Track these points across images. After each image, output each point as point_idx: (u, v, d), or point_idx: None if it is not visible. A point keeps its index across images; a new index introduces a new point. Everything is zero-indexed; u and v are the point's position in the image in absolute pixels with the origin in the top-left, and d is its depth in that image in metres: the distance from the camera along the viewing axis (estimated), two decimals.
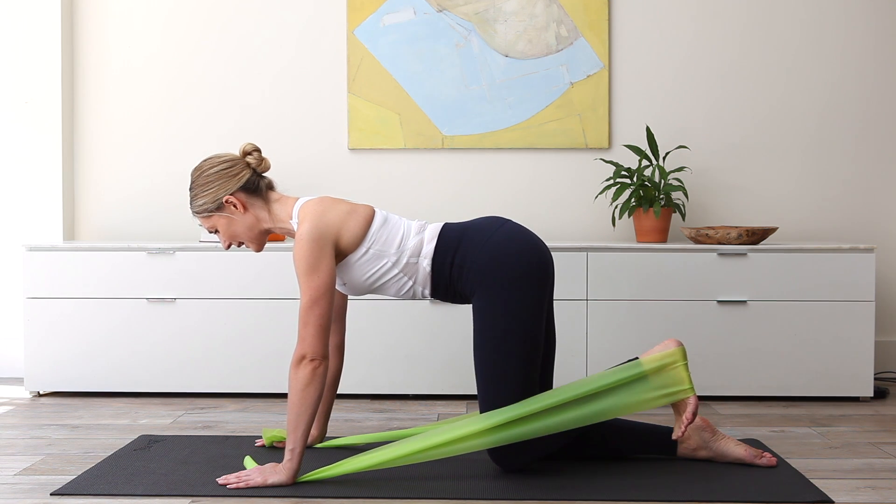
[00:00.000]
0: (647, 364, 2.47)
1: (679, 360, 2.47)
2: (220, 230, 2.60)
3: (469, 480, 2.47)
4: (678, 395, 2.47)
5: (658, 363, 2.47)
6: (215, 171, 2.56)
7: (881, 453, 2.79)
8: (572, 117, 3.99)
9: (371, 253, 2.54)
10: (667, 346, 2.49)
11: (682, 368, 2.47)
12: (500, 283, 2.49)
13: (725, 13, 4.01)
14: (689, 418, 2.46)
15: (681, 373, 2.46)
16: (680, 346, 2.48)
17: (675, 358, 2.47)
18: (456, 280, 2.55)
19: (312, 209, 2.53)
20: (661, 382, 2.46)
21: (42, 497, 2.36)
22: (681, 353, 2.48)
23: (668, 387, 2.46)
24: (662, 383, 2.46)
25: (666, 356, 2.47)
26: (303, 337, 2.42)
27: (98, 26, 4.07)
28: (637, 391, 2.46)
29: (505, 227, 2.58)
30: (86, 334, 3.59)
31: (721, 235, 3.57)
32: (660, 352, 2.49)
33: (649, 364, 2.47)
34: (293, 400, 2.41)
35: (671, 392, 2.46)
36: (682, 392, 2.47)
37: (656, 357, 2.48)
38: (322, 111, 4.06)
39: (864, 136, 4.00)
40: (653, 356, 2.48)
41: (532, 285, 2.50)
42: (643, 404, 2.46)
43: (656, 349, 2.50)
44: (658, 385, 2.46)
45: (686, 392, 2.46)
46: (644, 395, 2.45)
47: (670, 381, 2.47)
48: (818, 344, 3.51)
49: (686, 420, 2.46)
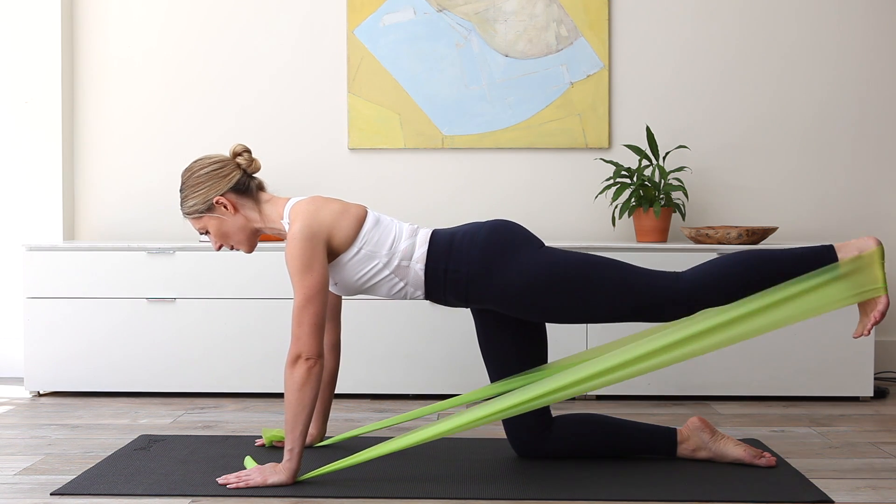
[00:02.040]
0: (844, 266, 2.37)
1: (877, 260, 2.38)
2: (210, 231, 2.60)
3: (469, 480, 2.47)
4: (870, 293, 2.38)
5: (855, 264, 2.38)
6: (205, 172, 2.56)
7: (881, 453, 2.79)
8: (572, 117, 3.99)
9: (363, 253, 2.54)
10: (866, 244, 2.40)
11: (879, 268, 2.38)
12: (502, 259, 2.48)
13: (725, 13, 4.01)
14: (877, 317, 2.38)
15: (877, 272, 2.38)
16: (879, 246, 2.39)
17: (874, 258, 2.38)
18: (450, 286, 2.53)
19: (304, 208, 2.53)
20: (855, 281, 2.38)
21: (42, 497, 2.36)
22: (880, 252, 2.39)
23: (862, 286, 2.38)
24: (856, 282, 2.38)
25: (865, 256, 2.38)
26: (297, 336, 2.41)
27: (98, 26, 4.07)
28: (829, 292, 2.37)
29: (486, 225, 2.58)
30: (86, 334, 3.59)
31: (721, 235, 3.57)
32: (858, 251, 2.40)
33: (847, 266, 2.38)
34: (290, 400, 2.41)
35: (863, 291, 2.38)
36: (873, 291, 2.38)
37: (853, 258, 2.38)
38: (322, 111, 4.06)
39: (864, 136, 4.00)
40: (850, 257, 2.39)
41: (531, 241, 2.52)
42: (833, 304, 2.37)
43: (853, 246, 2.41)
44: (852, 284, 2.38)
45: (878, 291, 2.38)
46: (836, 296, 2.37)
47: (865, 280, 2.38)
48: (818, 344, 3.51)
49: (873, 319, 2.39)
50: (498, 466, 2.60)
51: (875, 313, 2.38)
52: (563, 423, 2.66)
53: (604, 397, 3.57)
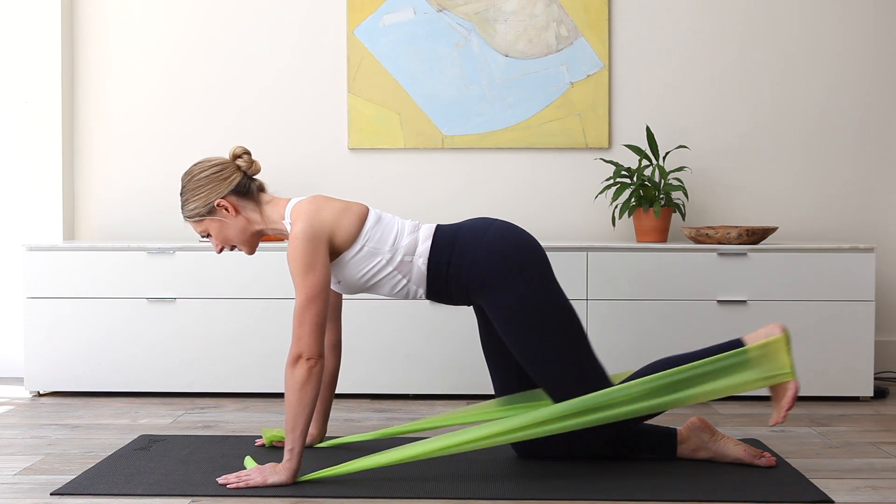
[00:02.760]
0: (752, 351, 2.45)
1: (783, 346, 2.45)
2: (212, 234, 2.60)
3: (469, 480, 2.47)
4: (778, 378, 2.45)
5: (763, 349, 2.45)
6: (205, 175, 2.56)
7: (881, 453, 2.79)
8: (572, 117, 3.99)
9: (365, 250, 2.54)
10: (772, 330, 2.47)
11: (786, 353, 2.44)
12: (503, 279, 2.49)
13: (725, 13, 4.01)
14: (789, 404, 2.44)
15: (783, 358, 2.44)
16: (785, 332, 2.46)
17: (780, 344, 2.45)
18: (452, 281, 2.54)
19: (305, 208, 2.53)
20: (763, 367, 2.45)
21: (42, 497, 2.36)
22: (785, 338, 2.46)
23: (770, 371, 2.44)
24: (765, 367, 2.45)
25: (771, 342, 2.45)
26: (298, 336, 2.42)
27: (98, 26, 4.07)
28: (738, 376, 2.44)
29: (494, 225, 2.59)
30: (86, 334, 3.59)
31: (721, 235, 3.57)
32: (765, 337, 2.46)
33: (754, 351, 2.45)
34: (290, 400, 2.41)
35: (772, 376, 2.45)
36: (782, 376, 2.44)
37: (761, 344, 2.45)
38: (322, 111, 4.06)
39: (864, 136, 4.00)
40: (758, 343, 2.46)
41: (533, 272, 2.51)
42: (742, 387, 2.45)
43: (761, 333, 2.48)
44: (760, 370, 2.45)
45: (787, 376, 2.44)
46: (744, 379, 2.44)
47: (773, 366, 2.45)
48: (818, 344, 3.51)
49: (785, 406, 2.44)
50: (498, 466, 2.60)
51: (785, 400, 2.45)
52: None
53: None
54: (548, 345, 2.48)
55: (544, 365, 2.49)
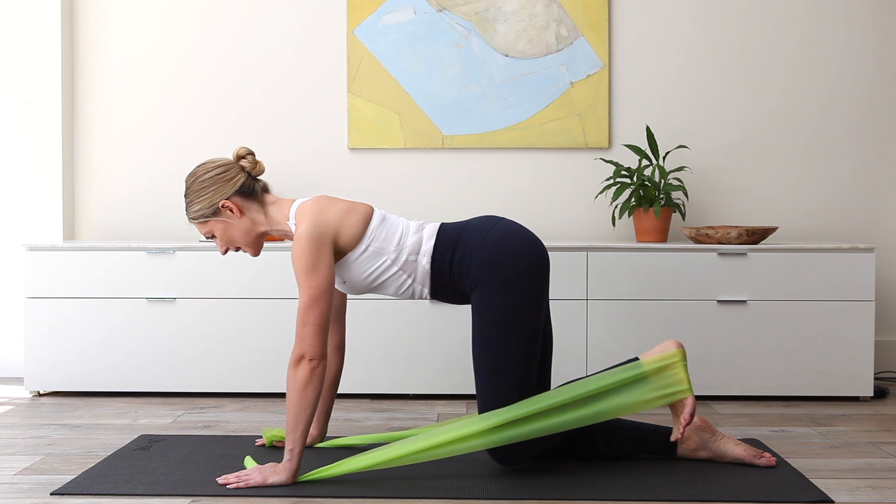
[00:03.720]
0: (647, 365, 2.48)
1: (679, 361, 2.48)
2: (216, 235, 2.60)
3: (469, 480, 2.47)
4: (677, 395, 2.48)
5: (658, 364, 2.48)
6: (209, 176, 2.56)
7: (881, 453, 2.79)
8: (572, 117, 3.99)
9: (370, 251, 2.54)
10: (666, 346, 2.50)
11: (682, 369, 2.47)
12: (499, 280, 2.49)
13: (725, 13, 4.01)
14: (687, 419, 2.47)
15: (680, 373, 2.47)
16: (680, 348, 2.49)
17: (675, 359, 2.48)
18: (456, 278, 2.55)
19: (310, 208, 2.53)
20: (660, 383, 2.47)
21: (42, 497, 2.36)
22: (680, 353, 2.49)
23: (668, 387, 2.47)
24: (662, 384, 2.47)
25: (666, 357, 2.48)
26: (301, 336, 2.42)
27: (98, 26, 4.07)
28: (636, 392, 2.47)
29: (501, 224, 2.58)
30: (86, 334, 3.59)
31: (721, 235, 3.57)
32: (660, 353, 2.50)
33: (649, 365, 2.48)
34: (292, 400, 2.41)
35: (670, 393, 2.47)
36: (680, 393, 2.47)
37: (656, 358, 2.48)
38: (322, 111, 4.06)
39: (864, 136, 4.00)
40: (653, 357, 2.49)
41: (530, 281, 2.50)
42: (642, 405, 2.47)
43: (656, 350, 2.51)
44: (657, 386, 2.47)
45: (684, 393, 2.47)
46: (643, 396, 2.46)
47: (669, 382, 2.47)
48: (818, 344, 3.51)
49: (684, 421, 2.47)
50: (498, 466, 2.60)
51: (685, 415, 2.47)
52: None
53: None
54: (505, 358, 2.46)
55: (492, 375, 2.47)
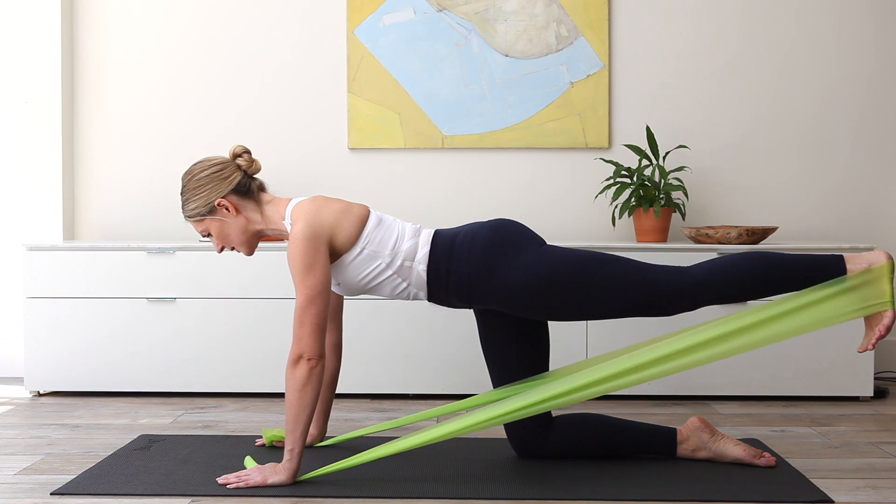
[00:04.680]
0: (851, 279, 2.38)
1: (885, 274, 2.38)
2: (212, 233, 2.60)
3: (469, 481, 2.47)
4: (875, 308, 2.38)
5: (863, 278, 2.38)
6: (206, 174, 2.56)
7: (881, 453, 2.79)
8: (572, 117, 3.99)
9: (365, 253, 2.54)
10: (877, 257, 2.39)
11: (888, 282, 2.37)
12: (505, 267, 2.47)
13: (724, 13, 4.01)
14: (882, 332, 2.37)
15: (884, 286, 2.37)
16: (890, 261, 2.39)
17: (883, 272, 2.38)
18: (453, 288, 2.53)
19: (306, 208, 2.53)
20: (862, 295, 2.38)
21: (42, 497, 2.36)
22: (889, 266, 2.38)
23: (868, 300, 2.38)
24: (863, 296, 2.38)
25: (875, 270, 2.38)
26: (299, 336, 2.41)
27: (98, 26, 4.07)
28: (835, 305, 2.37)
29: (486, 226, 2.58)
30: (86, 334, 3.59)
31: (721, 235, 3.57)
32: (867, 265, 2.39)
33: (855, 279, 2.38)
34: (291, 400, 2.41)
35: (869, 305, 2.38)
36: (880, 305, 2.38)
37: (862, 271, 2.39)
38: (322, 110, 4.06)
39: (864, 136, 4.00)
40: (859, 271, 2.39)
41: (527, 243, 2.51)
42: (838, 318, 2.38)
43: (863, 259, 2.41)
44: (858, 298, 2.38)
45: (885, 305, 2.37)
46: (842, 308, 2.37)
47: (871, 294, 2.38)
48: (818, 344, 3.51)
49: (878, 333, 2.38)
50: (498, 466, 2.60)
51: (880, 327, 2.37)
52: (564, 423, 2.66)
53: (604, 397, 3.57)
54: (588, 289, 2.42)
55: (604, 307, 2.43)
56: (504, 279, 2.48)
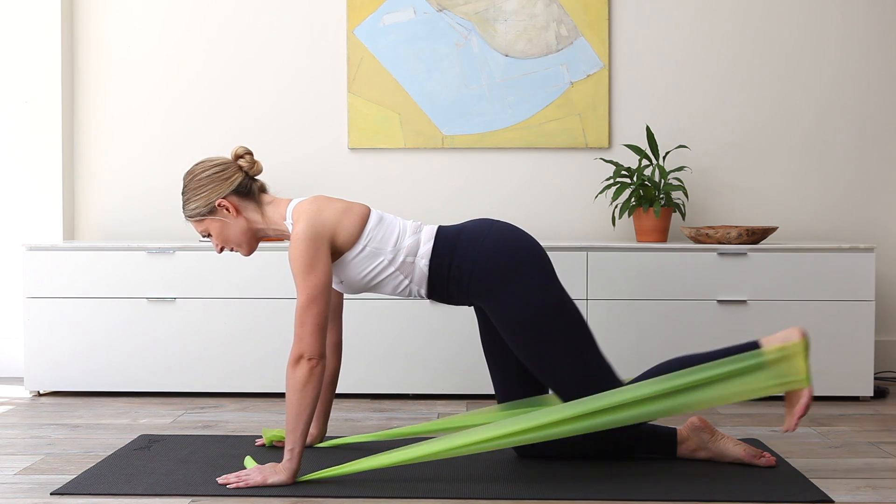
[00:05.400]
0: (768, 354, 2.40)
1: (801, 351, 2.40)
2: (212, 234, 2.60)
3: (469, 481, 2.47)
4: (792, 385, 2.40)
5: (779, 353, 2.40)
6: (207, 175, 2.56)
7: (881, 453, 2.79)
8: (572, 117, 3.99)
9: (367, 251, 2.54)
10: (790, 335, 2.42)
11: (803, 359, 2.39)
12: (503, 282, 2.49)
13: (725, 13, 4.01)
14: (801, 411, 2.40)
15: (800, 363, 2.39)
16: (804, 338, 2.41)
17: (798, 349, 2.40)
18: (454, 282, 2.55)
19: (307, 208, 2.53)
20: (778, 371, 2.40)
21: (42, 497, 2.36)
22: (804, 343, 2.40)
23: (784, 376, 2.40)
24: (779, 372, 2.40)
25: (789, 347, 2.40)
26: (300, 336, 2.42)
27: (98, 26, 4.07)
28: (752, 379, 2.40)
29: (495, 226, 2.59)
30: (86, 334, 3.59)
31: (721, 235, 3.57)
32: (783, 341, 2.42)
33: (770, 354, 2.40)
34: (291, 400, 2.41)
35: (786, 382, 2.40)
36: (796, 383, 2.40)
37: (778, 347, 2.41)
38: (322, 110, 4.06)
39: (864, 136, 4.00)
40: (775, 346, 2.41)
41: (533, 271, 2.51)
42: (755, 392, 2.40)
43: (779, 336, 2.43)
44: (774, 374, 2.40)
45: (801, 383, 2.39)
46: (758, 384, 2.40)
47: (787, 371, 2.40)
48: (818, 344, 3.50)
49: (798, 412, 2.40)
50: (498, 466, 2.60)
51: (799, 407, 2.41)
52: None
53: None
54: (552, 348, 2.47)
55: (550, 368, 2.48)
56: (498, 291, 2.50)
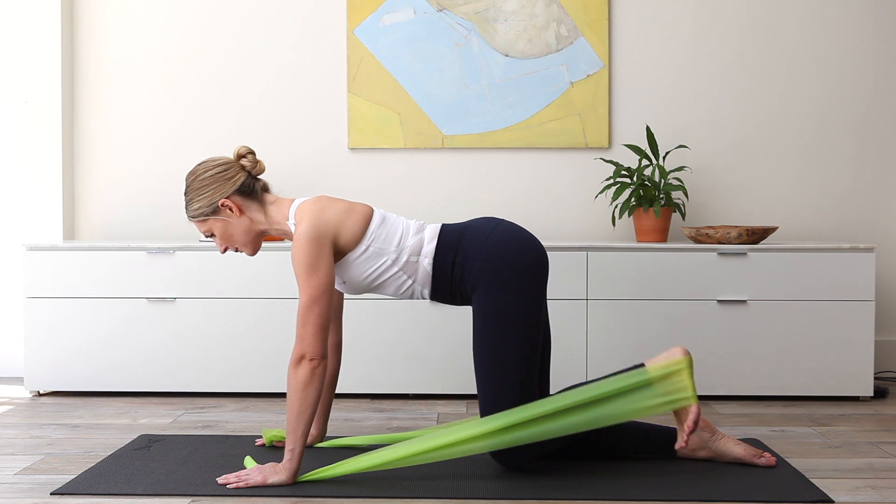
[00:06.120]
0: (652, 371, 2.46)
1: (684, 368, 2.46)
2: (216, 234, 2.60)
3: (469, 480, 2.47)
4: (680, 402, 2.46)
5: (663, 370, 2.46)
6: (210, 174, 2.56)
7: (881, 453, 2.79)
8: (572, 117, 3.99)
9: (370, 251, 2.54)
10: (672, 353, 2.48)
11: (687, 376, 2.46)
12: (499, 280, 2.49)
13: (725, 13, 4.01)
14: (691, 426, 2.46)
15: (685, 381, 2.46)
16: (687, 355, 2.47)
17: (681, 366, 2.46)
18: (458, 280, 2.55)
19: (310, 208, 2.53)
20: (664, 389, 2.45)
21: (42, 497, 2.36)
22: (687, 361, 2.47)
23: (671, 394, 2.46)
24: (666, 390, 2.45)
25: (672, 364, 2.46)
26: (301, 336, 2.42)
27: (98, 26, 4.07)
28: (640, 398, 2.45)
29: (501, 225, 2.59)
30: (86, 334, 3.59)
31: (721, 235, 3.57)
32: (666, 359, 2.48)
33: (654, 371, 2.46)
34: (292, 400, 2.41)
35: (674, 399, 2.46)
36: (684, 400, 2.46)
37: (661, 365, 2.47)
38: (322, 110, 4.06)
39: (864, 136, 4.00)
40: (658, 364, 2.47)
41: (530, 281, 2.51)
42: (645, 411, 2.45)
43: (662, 356, 2.49)
44: (661, 392, 2.45)
45: (688, 400, 2.45)
46: (647, 402, 2.45)
47: (674, 389, 2.46)
48: (818, 344, 3.51)
49: (688, 428, 2.47)
50: (498, 466, 2.60)
51: (688, 423, 2.46)
52: None
53: None
54: (506, 359, 2.46)
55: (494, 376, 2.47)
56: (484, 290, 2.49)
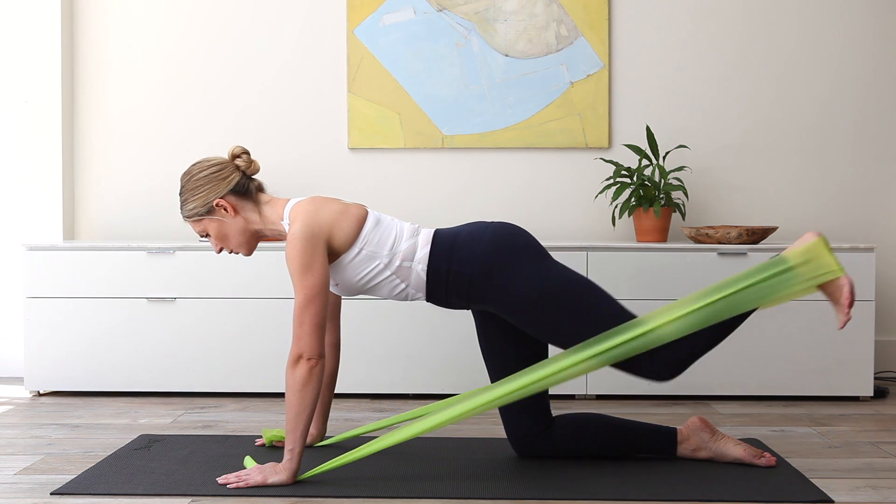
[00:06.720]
0: (793, 258, 2.40)
1: (823, 249, 2.39)
2: (210, 234, 2.60)
3: (469, 480, 2.47)
4: (827, 276, 2.38)
5: (804, 256, 2.39)
6: (204, 175, 2.56)
7: (881, 453, 2.79)
8: (572, 117, 3.99)
9: (364, 254, 2.54)
10: (807, 238, 2.41)
11: (828, 254, 2.38)
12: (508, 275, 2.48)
13: (725, 13, 4.01)
14: (848, 298, 2.37)
15: (826, 258, 2.39)
16: (821, 236, 2.40)
17: (820, 248, 2.39)
18: (453, 288, 2.54)
19: (304, 208, 2.53)
20: (808, 273, 2.39)
21: (42, 497, 2.36)
22: (823, 241, 2.40)
23: (817, 274, 2.38)
24: (811, 273, 2.39)
25: (810, 247, 2.39)
26: (298, 336, 2.42)
27: (98, 26, 4.07)
28: (786, 284, 2.39)
29: (490, 228, 2.58)
30: (86, 334, 3.59)
31: (721, 235, 3.57)
32: (803, 244, 2.41)
33: (795, 258, 2.39)
34: (291, 400, 2.41)
35: (819, 275, 2.38)
36: (830, 274, 2.38)
37: (800, 251, 2.40)
38: (322, 110, 4.06)
39: (864, 136, 4.00)
40: (797, 250, 2.41)
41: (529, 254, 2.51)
42: (794, 294, 2.40)
43: (798, 243, 2.43)
44: (807, 276, 2.39)
45: (835, 273, 2.38)
46: (795, 287, 2.39)
47: (818, 269, 2.38)
48: (818, 344, 3.51)
49: (845, 303, 2.37)
50: (498, 466, 2.60)
51: (844, 296, 2.37)
52: (564, 422, 2.66)
53: (604, 397, 3.57)
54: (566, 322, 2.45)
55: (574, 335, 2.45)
56: (501, 285, 2.49)
